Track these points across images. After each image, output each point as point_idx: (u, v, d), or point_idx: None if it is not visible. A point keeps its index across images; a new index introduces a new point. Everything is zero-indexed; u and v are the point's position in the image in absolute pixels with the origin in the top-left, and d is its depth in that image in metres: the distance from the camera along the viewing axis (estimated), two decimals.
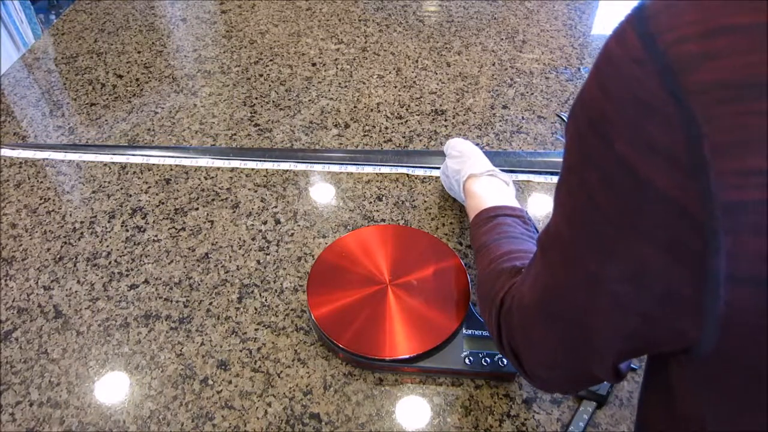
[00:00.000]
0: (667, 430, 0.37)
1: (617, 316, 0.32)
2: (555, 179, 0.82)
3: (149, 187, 0.81)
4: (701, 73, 0.23)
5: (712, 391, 0.31)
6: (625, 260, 0.29)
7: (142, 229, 0.75)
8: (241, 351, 0.61)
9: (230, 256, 0.71)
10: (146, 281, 0.68)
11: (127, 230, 0.75)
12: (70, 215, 0.77)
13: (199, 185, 0.81)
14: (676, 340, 0.30)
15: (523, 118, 0.93)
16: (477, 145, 0.89)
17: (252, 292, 0.67)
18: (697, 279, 0.26)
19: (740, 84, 0.22)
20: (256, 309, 0.65)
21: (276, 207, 0.78)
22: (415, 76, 1.02)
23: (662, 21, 0.24)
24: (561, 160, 0.33)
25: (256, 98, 0.98)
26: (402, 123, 0.92)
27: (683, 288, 0.27)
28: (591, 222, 0.31)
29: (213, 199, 0.79)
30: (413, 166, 0.83)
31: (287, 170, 0.84)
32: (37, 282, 0.69)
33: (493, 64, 1.05)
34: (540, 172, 0.83)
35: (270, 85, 1.00)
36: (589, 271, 0.32)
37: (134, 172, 0.84)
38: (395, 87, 1.00)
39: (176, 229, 0.75)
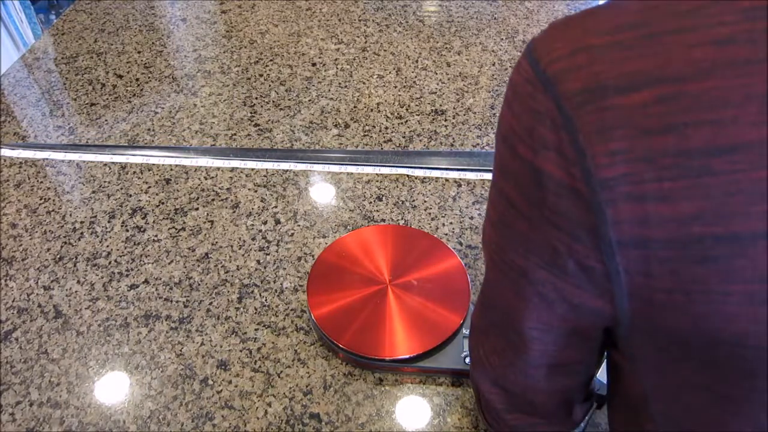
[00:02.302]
0: (628, 419, 0.41)
1: (545, 309, 0.37)
2: None
3: (149, 187, 0.81)
4: (570, 83, 0.30)
5: (641, 365, 0.36)
6: (542, 248, 0.34)
7: (142, 229, 0.75)
8: (241, 351, 0.61)
9: (230, 256, 0.71)
10: (146, 281, 0.68)
11: (127, 230, 0.75)
12: (70, 215, 0.77)
13: (199, 185, 0.81)
14: (598, 322, 0.35)
15: None
16: (476, 145, 0.89)
17: (252, 292, 0.67)
18: (598, 250, 0.31)
19: (594, 88, 0.29)
20: (256, 309, 0.65)
21: (276, 207, 0.78)
22: (415, 76, 1.02)
23: (542, 48, 0.32)
24: None
25: (256, 98, 0.98)
26: (402, 123, 0.92)
27: (591, 262, 0.32)
28: (511, 222, 0.36)
29: (213, 199, 0.79)
30: (413, 167, 0.83)
31: (287, 170, 0.84)
32: (37, 282, 0.69)
33: (493, 64, 1.05)
34: None
35: (270, 85, 1.00)
36: (515, 265, 0.37)
37: (134, 172, 0.84)
38: (395, 87, 1.00)
39: (176, 229, 0.75)
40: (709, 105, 0.27)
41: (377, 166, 0.84)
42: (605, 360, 0.43)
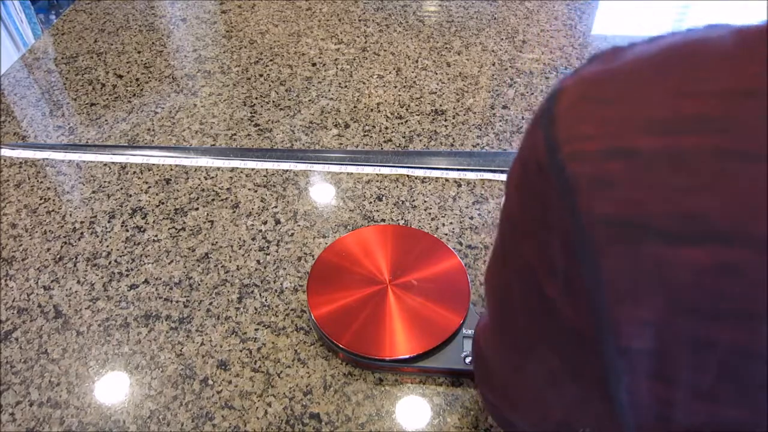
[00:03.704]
0: None
1: (543, 404, 0.30)
2: None
3: (149, 187, 0.81)
4: (597, 203, 0.21)
5: None
6: (541, 363, 0.27)
7: (142, 229, 0.75)
8: (241, 351, 0.61)
9: (230, 256, 0.71)
10: (146, 281, 0.68)
11: (127, 230, 0.75)
12: (70, 215, 0.77)
13: (199, 185, 0.81)
14: None
15: (523, 118, 0.93)
16: (476, 145, 0.89)
17: (252, 292, 0.67)
18: (606, 401, 0.25)
19: (630, 223, 0.20)
20: (256, 309, 0.65)
21: (276, 207, 0.78)
22: (415, 76, 1.02)
23: (564, 127, 0.22)
24: None
25: (256, 98, 0.98)
26: (402, 123, 0.92)
27: (596, 402, 0.26)
28: (511, 311, 0.29)
29: (213, 199, 0.79)
30: (413, 167, 0.83)
31: (287, 170, 0.84)
32: (37, 282, 0.69)
33: (493, 64, 1.05)
34: None
35: (270, 85, 1.01)
36: (513, 361, 0.31)
37: (134, 172, 0.84)
38: (395, 87, 1.00)
39: (176, 229, 0.75)
40: None
41: (377, 166, 0.84)
42: None
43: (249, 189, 0.81)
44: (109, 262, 0.71)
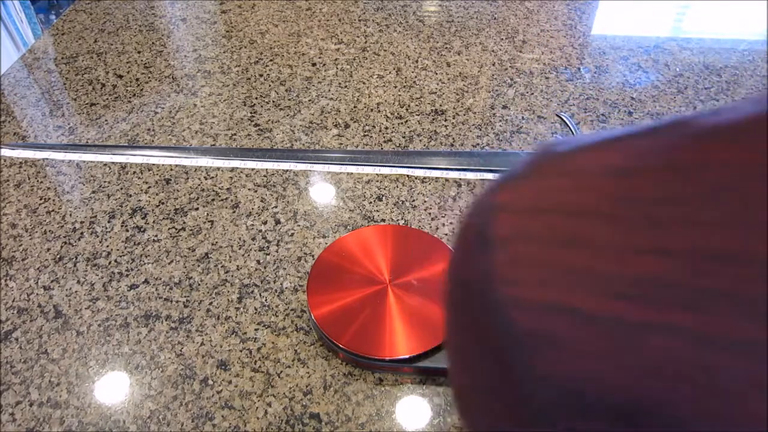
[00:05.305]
0: None
1: None
2: None
3: (149, 187, 0.81)
4: (543, 363, 0.17)
5: None
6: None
7: (142, 229, 0.75)
8: (241, 351, 0.61)
9: (230, 256, 0.71)
10: (146, 281, 0.68)
11: (127, 230, 0.75)
12: (70, 215, 0.77)
13: (199, 185, 0.81)
14: None
15: (523, 118, 0.93)
16: (476, 145, 0.89)
17: (252, 292, 0.67)
18: None
19: (574, 392, 0.17)
20: (256, 309, 0.65)
21: (276, 207, 0.78)
22: (415, 76, 1.02)
23: (504, 263, 0.19)
24: None
25: (256, 98, 0.98)
26: (402, 123, 0.92)
27: None
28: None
29: (213, 199, 0.79)
30: (413, 167, 0.83)
31: (287, 170, 0.84)
32: (37, 282, 0.69)
33: (493, 64, 1.05)
34: None
35: (270, 85, 1.01)
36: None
37: (134, 172, 0.84)
38: (395, 87, 1.00)
39: (176, 229, 0.75)
40: None
41: (377, 166, 0.84)
42: None
43: (249, 189, 0.81)
44: (109, 262, 0.71)
